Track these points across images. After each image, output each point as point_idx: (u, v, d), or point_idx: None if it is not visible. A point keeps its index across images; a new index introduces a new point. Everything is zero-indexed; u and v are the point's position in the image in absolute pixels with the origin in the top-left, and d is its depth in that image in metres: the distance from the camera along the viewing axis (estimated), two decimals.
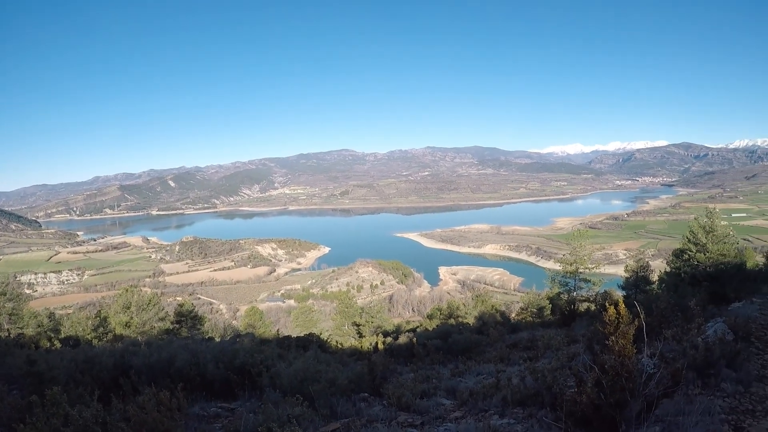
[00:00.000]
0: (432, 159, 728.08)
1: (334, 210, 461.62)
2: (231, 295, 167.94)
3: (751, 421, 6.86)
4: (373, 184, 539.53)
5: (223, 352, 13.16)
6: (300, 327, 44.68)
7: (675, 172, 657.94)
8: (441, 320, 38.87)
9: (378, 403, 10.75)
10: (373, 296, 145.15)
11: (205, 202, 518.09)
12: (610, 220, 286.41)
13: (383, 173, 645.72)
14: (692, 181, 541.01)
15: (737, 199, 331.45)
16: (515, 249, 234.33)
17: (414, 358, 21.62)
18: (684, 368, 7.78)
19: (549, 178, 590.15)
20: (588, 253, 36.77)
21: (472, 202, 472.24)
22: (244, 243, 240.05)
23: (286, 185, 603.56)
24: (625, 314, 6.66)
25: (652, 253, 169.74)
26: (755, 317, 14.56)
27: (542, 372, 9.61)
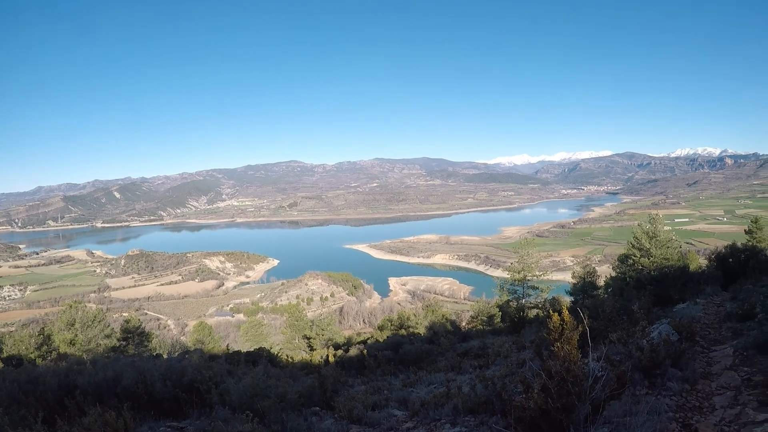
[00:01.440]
0: (381, 170, 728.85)
1: (283, 222, 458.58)
2: (179, 310, 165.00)
3: (699, 418, 6.99)
4: (321, 196, 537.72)
5: (171, 370, 12.94)
6: (250, 341, 44.21)
7: (619, 180, 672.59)
8: (392, 331, 38.89)
9: (329, 416, 10.70)
10: (324, 309, 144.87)
11: (151, 214, 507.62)
12: (557, 228, 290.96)
13: (332, 185, 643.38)
14: (636, 189, 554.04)
15: (679, 205, 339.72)
16: (464, 258, 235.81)
17: (365, 369, 21.58)
18: (629, 370, 7.91)
19: (496, 188, 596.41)
20: (535, 260, 37.20)
21: (420, 212, 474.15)
22: (191, 256, 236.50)
23: (234, 197, 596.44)
24: (569, 320, 6.74)
25: (598, 259, 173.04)
26: (699, 317, 14.90)
27: (492, 379, 9.67)
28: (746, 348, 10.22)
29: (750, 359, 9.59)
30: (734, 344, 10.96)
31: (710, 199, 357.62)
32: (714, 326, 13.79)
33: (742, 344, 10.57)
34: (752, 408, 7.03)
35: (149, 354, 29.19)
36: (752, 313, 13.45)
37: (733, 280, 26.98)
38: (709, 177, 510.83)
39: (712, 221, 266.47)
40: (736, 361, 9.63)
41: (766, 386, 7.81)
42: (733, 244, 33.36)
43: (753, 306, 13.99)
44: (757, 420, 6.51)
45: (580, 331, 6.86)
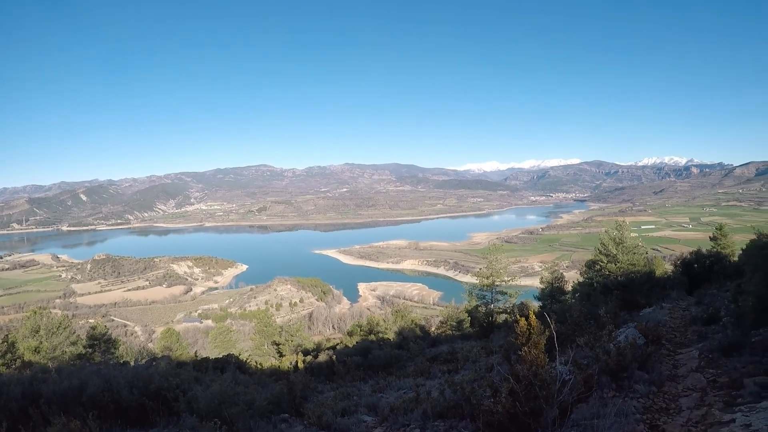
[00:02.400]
0: (350, 175, 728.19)
1: (252, 226, 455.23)
2: (146, 316, 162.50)
3: (666, 419, 7.08)
4: (291, 201, 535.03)
5: (138, 377, 12.76)
6: (218, 348, 43.74)
7: (587, 188, 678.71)
8: (361, 336, 38.77)
9: (299, 423, 10.72)
10: (293, 314, 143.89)
11: (118, 218, 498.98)
12: (526, 234, 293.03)
13: (301, 189, 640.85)
14: (603, 197, 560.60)
15: (646, 212, 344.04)
16: (433, 264, 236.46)
17: (335, 375, 21.53)
18: (597, 373, 7.98)
19: (466, 195, 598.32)
20: (504, 266, 37.30)
21: (390, 218, 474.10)
22: (159, 261, 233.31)
23: (203, 201, 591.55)
24: (536, 325, 6.79)
25: (566, 264, 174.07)
26: (665, 321, 15.09)
27: (461, 384, 9.71)
28: (711, 350, 10.38)
29: (715, 361, 9.74)
30: (700, 347, 11.12)
31: (676, 206, 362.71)
32: (680, 330, 13.98)
33: (708, 347, 10.73)
34: (718, 409, 7.13)
35: (116, 361, 28.73)
36: (717, 316, 13.66)
37: (698, 285, 27.42)
38: (675, 185, 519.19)
39: (678, 228, 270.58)
40: (702, 364, 9.78)
41: (731, 387, 7.93)
42: (698, 251, 33.89)
43: (718, 310, 14.21)
44: (723, 420, 6.60)
45: (547, 336, 6.91)
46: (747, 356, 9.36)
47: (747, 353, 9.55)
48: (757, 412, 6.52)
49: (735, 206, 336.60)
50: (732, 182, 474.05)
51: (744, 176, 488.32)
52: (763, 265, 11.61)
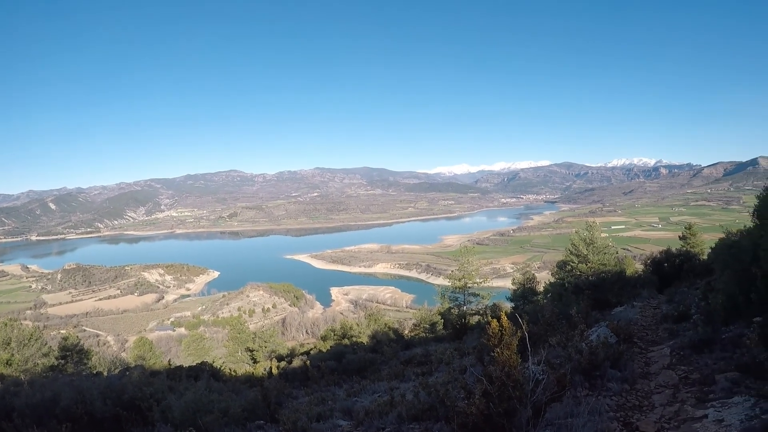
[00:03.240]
0: (321, 180, 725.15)
1: (223, 233, 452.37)
2: (118, 325, 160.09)
3: (639, 416, 7.14)
4: (262, 206, 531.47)
5: (111, 387, 12.66)
6: (192, 356, 43.39)
7: (557, 189, 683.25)
8: (335, 341, 38.75)
9: (274, 429, 10.68)
10: (266, 320, 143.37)
11: (88, 226, 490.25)
12: (497, 236, 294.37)
13: (272, 194, 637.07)
14: (574, 198, 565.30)
15: (616, 212, 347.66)
16: (405, 267, 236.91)
17: (309, 380, 21.49)
18: (570, 372, 8.01)
19: (437, 198, 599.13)
20: (476, 268, 37.47)
21: (361, 222, 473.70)
22: (130, 269, 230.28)
23: (173, 207, 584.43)
24: (508, 326, 6.79)
25: (537, 265, 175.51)
26: (636, 320, 15.23)
27: (435, 386, 9.75)
28: (683, 348, 10.47)
29: (686, 358, 9.83)
30: (671, 344, 11.22)
31: (646, 207, 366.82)
32: (651, 328, 14.10)
33: (679, 344, 10.83)
34: (690, 405, 7.20)
35: (89, 372, 28.39)
36: (687, 314, 13.79)
37: (668, 283, 27.69)
38: (645, 186, 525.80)
39: (648, 228, 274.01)
40: (674, 361, 9.87)
41: (703, 384, 8.01)
42: (668, 250, 34.26)
43: (688, 308, 14.35)
44: (696, 416, 6.67)
45: (520, 336, 6.93)
46: (718, 353, 9.47)
47: (718, 350, 9.66)
48: (729, 408, 6.60)
49: (703, 206, 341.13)
50: (700, 182, 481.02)
51: (712, 176, 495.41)
52: (732, 264, 11.76)
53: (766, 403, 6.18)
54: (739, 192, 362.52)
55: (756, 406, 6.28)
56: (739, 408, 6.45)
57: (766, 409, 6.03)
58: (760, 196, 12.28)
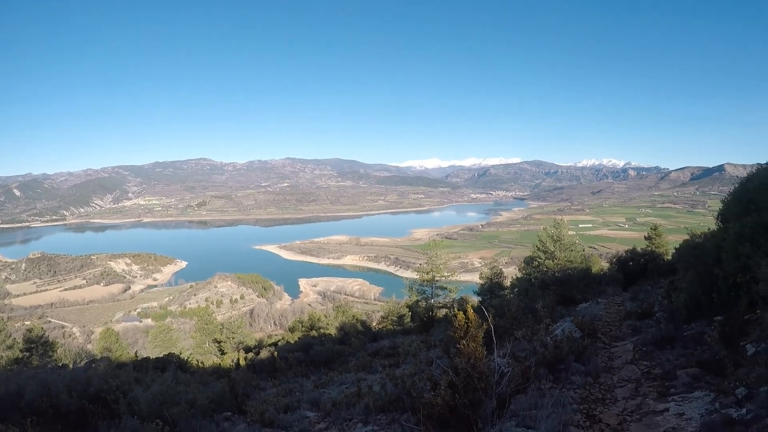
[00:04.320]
0: (292, 170, 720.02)
1: (191, 222, 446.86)
2: (84, 316, 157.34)
3: (602, 408, 7.27)
4: (231, 195, 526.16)
5: (76, 380, 12.53)
6: (159, 347, 42.96)
7: (527, 186, 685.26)
8: (303, 332, 38.67)
9: (242, 421, 10.63)
10: (234, 311, 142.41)
11: (53, 214, 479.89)
12: (466, 230, 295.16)
13: (242, 184, 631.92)
14: (543, 195, 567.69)
15: (584, 211, 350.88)
16: (374, 259, 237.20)
17: (277, 372, 21.42)
18: (534, 365, 8.12)
19: (407, 191, 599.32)
20: (444, 262, 37.65)
21: (331, 213, 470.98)
22: (96, 258, 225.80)
23: (141, 195, 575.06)
24: (474, 319, 6.86)
25: (505, 261, 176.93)
26: (601, 316, 15.44)
27: (402, 378, 9.82)
28: (645, 344, 10.68)
29: (649, 354, 10.02)
30: (634, 340, 11.43)
31: (613, 207, 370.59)
32: (615, 324, 14.32)
33: (642, 340, 11.03)
34: (652, 399, 7.36)
35: (54, 365, 28.04)
36: (650, 311, 14.04)
37: (633, 281, 28.03)
38: (613, 186, 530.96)
39: (614, 227, 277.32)
40: (636, 356, 10.05)
41: (664, 378, 8.17)
42: (634, 249, 34.66)
43: (651, 305, 14.60)
44: (657, 409, 6.82)
45: (486, 329, 7.00)
46: (679, 349, 9.65)
47: (679, 346, 9.85)
48: (689, 402, 6.75)
49: (669, 208, 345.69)
50: (667, 185, 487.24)
51: (679, 180, 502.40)
52: (696, 264, 11.99)
53: (725, 398, 6.33)
54: (705, 196, 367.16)
55: (715, 401, 6.44)
56: (700, 402, 6.60)
57: (725, 404, 6.19)
58: (724, 201, 12.57)
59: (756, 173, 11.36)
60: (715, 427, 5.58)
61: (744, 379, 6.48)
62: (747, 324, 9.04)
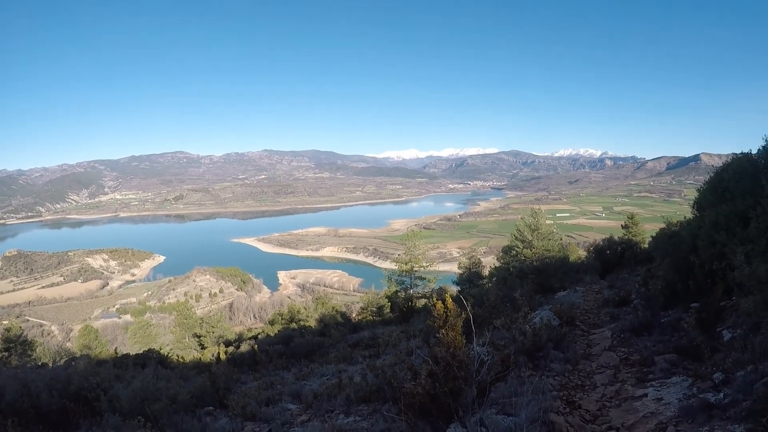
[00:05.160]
0: (269, 162, 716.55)
1: (168, 216, 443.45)
2: (62, 314, 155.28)
3: (582, 395, 7.35)
4: (208, 188, 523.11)
5: (56, 379, 12.39)
6: (138, 343, 42.59)
7: (505, 176, 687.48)
8: (283, 325, 38.59)
9: (224, 415, 10.64)
10: (213, 305, 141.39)
11: (29, 210, 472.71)
12: (444, 221, 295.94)
13: (219, 177, 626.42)
14: (520, 185, 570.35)
15: (561, 201, 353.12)
16: (353, 251, 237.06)
17: (257, 365, 21.39)
18: (514, 353, 8.21)
19: (385, 182, 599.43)
20: (422, 252, 37.78)
21: (309, 205, 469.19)
22: (73, 255, 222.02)
23: (117, 190, 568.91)
24: (453, 308, 6.87)
25: (483, 250, 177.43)
26: (579, 304, 15.57)
27: (382, 368, 9.85)
28: (623, 330, 10.79)
29: (627, 340, 10.13)
30: (612, 327, 11.53)
31: (590, 196, 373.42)
32: (593, 311, 14.46)
33: (620, 327, 11.14)
34: (631, 384, 7.45)
35: (33, 364, 27.75)
36: (628, 299, 14.19)
37: (610, 270, 28.35)
38: (590, 176, 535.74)
39: (592, 216, 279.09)
40: (614, 343, 10.15)
41: (642, 365, 8.27)
42: (611, 238, 34.99)
43: (629, 293, 14.76)
44: (636, 395, 6.90)
45: (465, 318, 7.03)
46: (657, 335, 9.77)
47: (657, 333, 9.97)
48: (667, 387, 6.84)
49: (646, 197, 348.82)
50: (644, 175, 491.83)
51: (655, 170, 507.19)
52: (672, 252, 12.14)
53: (703, 383, 6.41)
54: (681, 185, 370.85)
55: (693, 386, 6.52)
56: (677, 387, 6.68)
57: (702, 389, 6.27)
58: (700, 190, 12.74)
59: (731, 163, 11.51)
60: (693, 411, 5.66)
61: (721, 364, 6.57)
62: (723, 310, 9.18)
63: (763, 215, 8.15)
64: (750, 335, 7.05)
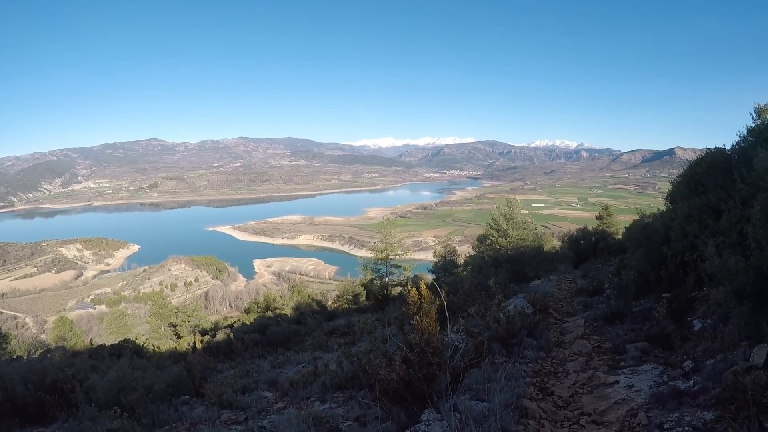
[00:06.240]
0: (245, 150, 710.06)
1: (143, 204, 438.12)
2: (36, 305, 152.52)
3: (555, 381, 7.47)
4: (183, 176, 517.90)
5: (32, 371, 12.31)
6: (114, 334, 42.33)
7: (481, 166, 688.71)
8: (258, 313, 38.56)
9: (200, 404, 10.56)
10: (188, 294, 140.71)
11: (1, 200, 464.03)
12: (420, 209, 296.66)
13: (194, 164, 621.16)
14: (496, 175, 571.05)
15: (536, 191, 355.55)
16: (329, 239, 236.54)
17: (233, 353, 21.39)
18: (487, 340, 8.27)
19: (361, 170, 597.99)
20: (398, 240, 37.84)
21: (284, 193, 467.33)
22: (46, 245, 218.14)
23: (91, 178, 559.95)
24: (427, 295, 6.93)
25: (459, 239, 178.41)
26: (553, 292, 15.77)
27: (357, 355, 9.90)
28: (596, 319, 10.96)
29: (599, 329, 10.30)
30: (585, 316, 11.71)
31: (565, 187, 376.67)
32: (566, 300, 14.67)
33: (592, 316, 11.32)
34: (603, 372, 7.58)
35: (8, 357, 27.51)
36: (601, 288, 14.40)
37: (584, 259, 28.69)
38: (566, 167, 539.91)
39: (567, 207, 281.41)
40: (587, 331, 10.32)
41: (614, 352, 8.41)
42: (585, 228, 35.38)
43: (602, 282, 14.96)
44: (608, 382, 7.03)
45: (438, 305, 7.10)
46: (629, 324, 9.94)
47: (629, 321, 10.15)
48: (638, 374, 6.97)
49: (621, 189, 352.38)
50: (619, 167, 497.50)
51: (630, 162, 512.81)
52: (645, 243, 12.32)
53: (673, 371, 6.53)
54: (655, 178, 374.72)
55: (663, 373, 6.64)
56: (648, 375, 6.81)
57: (673, 377, 6.39)
58: (673, 183, 12.93)
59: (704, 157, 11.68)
60: (663, 398, 5.77)
61: (691, 352, 6.70)
62: (694, 300, 9.36)
63: (734, 208, 8.30)
64: (720, 325, 7.20)
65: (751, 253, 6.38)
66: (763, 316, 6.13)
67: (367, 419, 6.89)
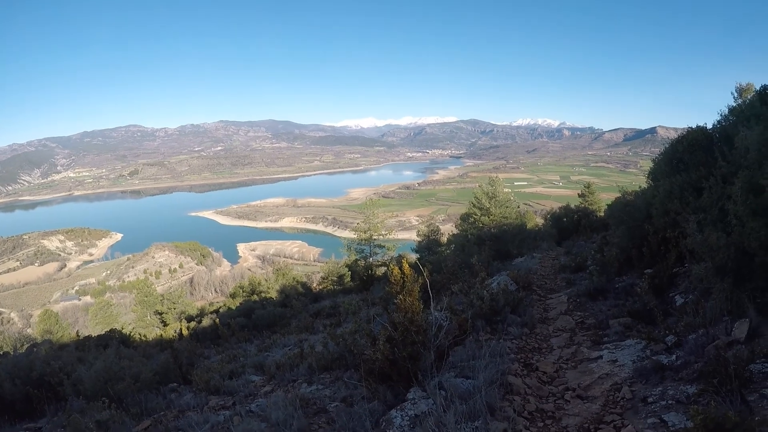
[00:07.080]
0: (225, 133, 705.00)
1: (124, 192, 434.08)
2: (21, 300, 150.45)
3: (539, 357, 7.55)
4: (164, 162, 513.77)
5: (18, 366, 12.31)
6: (100, 324, 42.06)
7: (463, 145, 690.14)
8: (244, 298, 38.53)
9: (188, 390, 10.60)
10: (173, 281, 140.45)
11: None
12: (403, 189, 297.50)
13: (174, 150, 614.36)
14: (479, 154, 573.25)
15: (519, 169, 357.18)
16: (312, 221, 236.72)
17: (220, 339, 21.43)
18: (471, 318, 8.35)
19: (343, 151, 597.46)
20: (381, 220, 37.95)
21: (266, 176, 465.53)
22: (28, 238, 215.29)
23: (71, 168, 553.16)
24: (410, 273, 6.96)
25: (442, 218, 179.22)
26: (536, 269, 15.89)
27: (343, 336, 9.92)
28: (579, 295, 11.06)
29: (582, 305, 10.39)
30: (568, 292, 11.81)
31: (548, 165, 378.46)
32: (550, 277, 14.77)
33: (576, 292, 11.42)
34: (586, 347, 7.66)
35: None
36: (584, 265, 14.49)
37: (566, 237, 28.81)
38: (548, 146, 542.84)
39: (549, 185, 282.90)
40: (570, 307, 10.41)
41: (597, 328, 8.51)
42: (568, 206, 35.49)
43: (584, 259, 15.06)
44: (591, 357, 7.11)
45: (422, 283, 7.12)
46: (611, 300, 10.05)
47: (611, 297, 10.25)
48: (621, 349, 7.06)
49: (603, 167, 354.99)
50: (601, 145, 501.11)
51: (612, 141, 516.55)
52: (627, 220, 12.43)
53: (656, 346, 6.61)
54: (637, 157, 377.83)
55: (646, 348, 6.73)
56: (631, 350, 6.90)
57: (655, 351, 6.47)
58: (655, 161, 13.01)
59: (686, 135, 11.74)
60: (646, 372, 5.85)
61: (673, 327, 6.78)
62: (675, 276, 9.47)
63: (715, 185, 8.38)
64: (701, 300, 7.27)
65: (732, 229, 6.47)
66: (744, 291, 6.22)
67: (353, 399, 6.93)
